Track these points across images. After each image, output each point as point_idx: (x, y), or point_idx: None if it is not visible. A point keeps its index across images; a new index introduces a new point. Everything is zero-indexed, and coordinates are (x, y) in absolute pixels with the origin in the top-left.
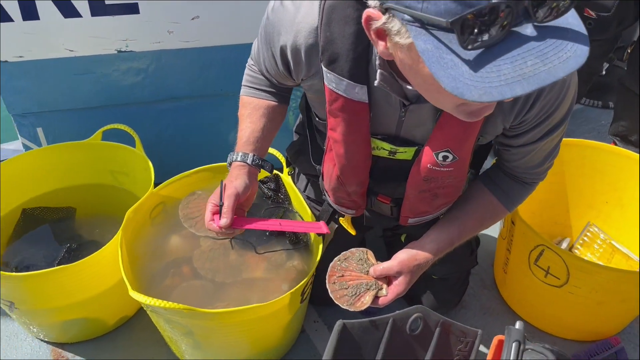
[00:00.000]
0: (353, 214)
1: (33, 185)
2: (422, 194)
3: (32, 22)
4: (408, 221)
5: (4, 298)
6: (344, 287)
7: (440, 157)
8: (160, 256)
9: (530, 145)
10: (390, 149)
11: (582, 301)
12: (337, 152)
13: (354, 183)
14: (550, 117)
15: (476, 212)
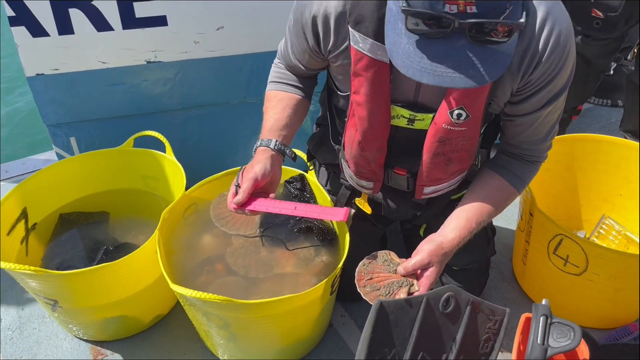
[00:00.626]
0: (370, 190)
1: (69, 192)
2: (437, 157)
3: (67, 36)
4: (423, 191)
5: (47, 297)
6: (376, 288)
7: (454, 116)
8: (194, 254)
9: (534, 113)
10: (409, 116)
11: (601, 288)
12: (360, 115)
13: (373, 148)
14: (552, 82)
15: (489, 195)
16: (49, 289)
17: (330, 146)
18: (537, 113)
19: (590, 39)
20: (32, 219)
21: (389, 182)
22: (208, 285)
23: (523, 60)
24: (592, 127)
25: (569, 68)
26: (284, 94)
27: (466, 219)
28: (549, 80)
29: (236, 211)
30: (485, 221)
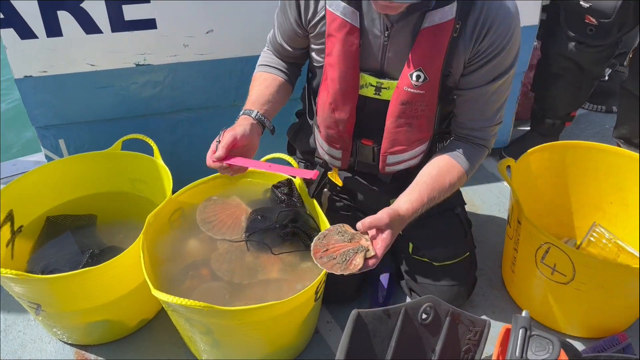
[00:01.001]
0: (339, 162)
1: (56, 194)
2: (399, 121)
3: (55, 38)
4: (387, 161)
5: (31, 300)
6: (332, 257)
7: (414, 78)
8: (179, 259)
9: (482, 87)
10: (376, 84)
11: (588, 298)
12: (331, 77)
13: (343, 110)
14: (499, 55)
15: (439, 174)
16: (32, 293)
17: (308, 132)
18: (485, 88)
19: (583, 45)
20: (19, 221)
21: (357, 155)
22: (192, 291)
23: (474, 29)
24: (585, 133)
25: (514, 48)
26: (269, 75)
27: (418, 193)
28: (497, 53)
29: (214, 167)
30: (436, 198)
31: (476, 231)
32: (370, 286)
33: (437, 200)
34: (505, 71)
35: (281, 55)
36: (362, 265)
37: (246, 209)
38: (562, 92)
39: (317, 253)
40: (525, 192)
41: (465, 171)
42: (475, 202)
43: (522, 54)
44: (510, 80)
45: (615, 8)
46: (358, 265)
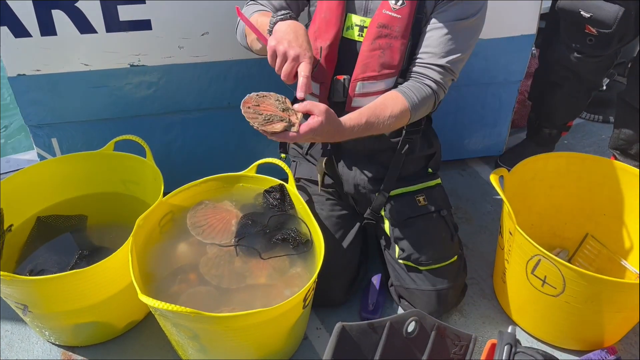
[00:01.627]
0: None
1: (47, 194)
2: (374, 44)
3: (49, 37)
4: (356, 89)
5: (17, 301)
6: (259, 113)
7: (393, 1)
8: (168, 263)
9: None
10: (360, 23)
11: (578, 311)
12: (319, 9)
13: (324, 38)
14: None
15: (381, 102)
16: (19, 294)
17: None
18: (446, 24)
19: (583, 55)
20: (9, 220)
21: (333, 94)
22: (180, 295)
23: None
24: (582, 143)
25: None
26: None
27: (359, 113)
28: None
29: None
30: (375, 124)
31: (468, 239)
32: (360, 292)
33: (377, 128)
34: (469, 15)
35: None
36: (280, 134)
37: (237, 214)
38: (559, 102)
39: (248, 103)
40: (519, 202)
41: (409, 107)
42: (468, 210)
43: (519, 62)
44: (472, 32)
45: (616, 19)
46: (276, 129)
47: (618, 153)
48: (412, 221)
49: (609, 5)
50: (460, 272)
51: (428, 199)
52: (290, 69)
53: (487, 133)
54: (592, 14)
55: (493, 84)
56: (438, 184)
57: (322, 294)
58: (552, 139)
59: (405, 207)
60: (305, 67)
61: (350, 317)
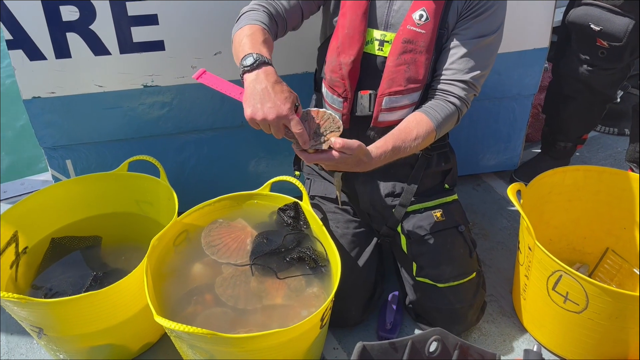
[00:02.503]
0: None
1: (62, 215)
2: (399, 59)
3: (64, 60)
4: (382, 104)
5: (32, 324)
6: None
7: (417, 16)
8: (183, 283)
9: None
10: (380, 37)
11: (602, 327)
12: (342, 24)
13: (347, 53)
14: (486, 12)
15: (406, 125)
16: (34, 316)
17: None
18: (467, 41)
19: (596, 68)
20: (23, 242)
21: (357, 109)
22: (195, 317)
23: None
24: (597, 156)
25: (500, 13)
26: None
27: (384, 140)
28: (484, 10)
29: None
30: (402, 148)
31: (486, 255)
32: (377, 311)
33: (404, 152)
34: (489, 33)
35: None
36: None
37: (252, 232)
38: (573, 115)
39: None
40: (536, 217)
41: (434, 127)
42: (485, 226)
43: (532, 76)
44: (492, 49)
45: (626, 32)
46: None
47: (635, 165)
48: (430, 237)
49: (619, 19)
50: (479, 289)
51: (445, 215)
52: (277, 130)
53: (502, 147)
54: (602, 27)
55: (506, 98)
56: (455, 199)
57: (338, 314)
58: (567, 152)
59: (422, 223)
60: (294, 125)
61: (367, 337)
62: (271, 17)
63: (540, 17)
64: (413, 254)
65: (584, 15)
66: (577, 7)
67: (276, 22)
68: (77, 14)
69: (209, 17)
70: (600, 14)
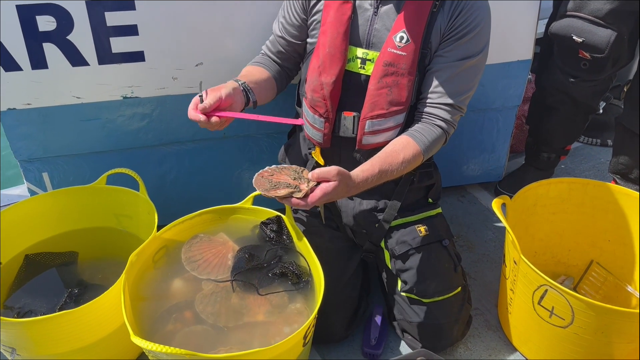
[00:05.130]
0: (321, 133)
1: (37, 230)
2: (381, 82)
3: (40, 70)
4: (365, 127)
5: (5, 344)
6: (268, 181)
7: (398, 39)
8: (162, 300)
9: (449, 64)
10: (362, 55)
11: (588, 342)
12: (322, 42)
13: (329, 73)
14: (470, 34)
15: (393, 149)
16: (6, 336)
17: (298, 147)
18: (453, 64)
19: (578, 79)
20: None
21: (339, 130)
22: (175, 335)
23: (451, 6)
24: (581, 167)
25: (484, 33)
26: (258, 67)
27: (371, 164)
28: (468, 31)
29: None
30: (388, 171)
31: (471, 268)
32: (362, 326)
33: (390, 175)
34: (473, 54)
35: (277, 52)
36: (284, 198)
37: (233, 247)
38: (556, 126)
39: (263, 174)
40: (521, 230)
41: (421, 151)
42: (470, 238)
43: (516, 87)
44: (477, 69)
45: (608, 43)
46: (279, 194)
47: (619, 177)
48: (414, 252)
49: (601, 30)
50: (465, 303)
51: (429, 229)
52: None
53: (486, 159)
54: (585, 38)
55: (490, 110)
56: (439, 213)
57: (322, 330)
58: (551, 163)
59: (406, 237)
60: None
61: (351, 353)
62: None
63: (523, 29)
64: (397, 269)
65: (566, 27)
66: (560, 19)
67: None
68: (54, 24)
69: (191, 28)
70: (583, 26)
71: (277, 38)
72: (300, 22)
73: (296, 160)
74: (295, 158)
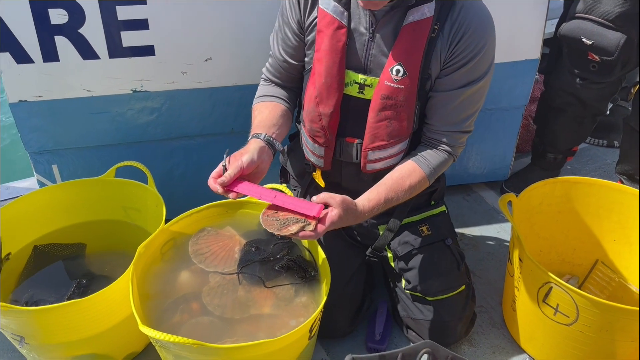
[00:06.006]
0: (322, 160)
1: (46, 222)
2: (380, 115)
3: (52, 63)
4: (368, 157)
5: (14, 332)
6: (276, 219)
7: (394, 72)
8: (170, 292)
9: (453, 91)
10: (360, 81)
11: (592, 340)
12: (318, 72)
13: (327, 104)
14: (473, 60)
15: (399, 175)
16: (15, 324)
17: (300, 152)
18: (457, 91)
19: (587, 81)
20: (6, 249)
21: (341, 154)
22: (181, 326)
23: (451, 31)
24: (587, 167)
25: (488, 56)
26: (269, 103)
27: (377, 192)
28: (471, 57)
29: (216, 191)
30: (394, 198)
31: (476, 266)
32: (366, 322)
33: (396, 201)
34: (478, 79)
35: (281, 76)
36: (296, 234)
37: (240, 240)
38: (563, 127)
39: (267, 212)
40: (526, 228)
41: (427, 176)
42: (475, 236)
43: (523, 87)
44: (482, 91)
45: (617, 46)
46: (291, 231)
47: (625, 178)
48: (416, 252)
49: (611, 33)
50: (469, 301)
51: (432, 228)
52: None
53: (492, 158)
54: (594, 41)
55: (497, 109)
56: (442, 211)
57: (326, 325)
58: (557, 163)
59: (408, 238)
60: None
61: (356, 348)
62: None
63: (531, 29)
64: (400, 268)
65: (576, 29)
66: (569, 21)
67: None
68: (66, 17)
69: (200, 23)
70: (592, 28)
71: (279, 62)
72: (299, 42)
73: (297, 166)
74: (297, 164)
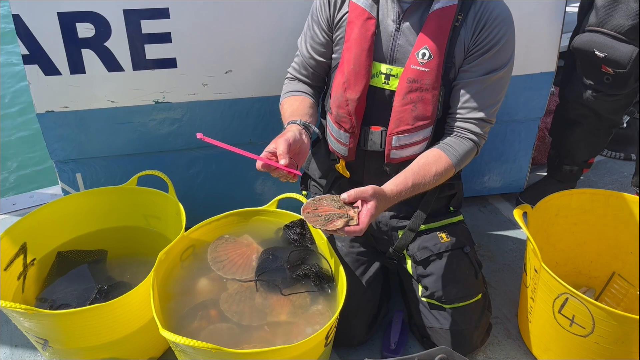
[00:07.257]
0: (347, 148)
1: (69, 229)
2: (405, 98)
3: (78, 75)
4: (392, 143)
5: (38, 336)
6: (318, 215)
7: (420, 55)
8: (189, 298)
9: (477, 78)
10: (386, 71)
11: (608, 352)
12: (347, 59)
13: (354, 90)
14: (494, 47)
15: (425, 162)
16: (39, 328)
17: (321, 156)
18: (480, 78)
19: (601, 94)
20: (31, 254)
21: (366, 143)
22: (200, 332)
23: (474, 20)
24: (603, 180)
25: (509, 46)
26: (298, 97)
27: (404, 177)
28: (493, 44)
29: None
30: (421, 184)
31: (492, 277)
32: (382, 331)
33: (423, 188)
34: (500, 67)
35: (307, 74)
36: (342, 229)
37: (257, 248)
38: (579, 139)
39: (307, 209)
40: (542, 240)
41: (453, 164)
42: (491, 248)
43: (539, 99)
44: (504, 81)
45: (630, 59)
46: (337, 226)
47: None
48: (435, 258)
49: (623, 46)
50: (485, 311)
51: (451, 236)
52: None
53: (508, 170)
54: (607, 54)
55: (513, 121)
56: (460, 220)
57: (342, 333)
58: (573, 176)
59: (427, 244)
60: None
61: (371, 356)
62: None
63: (546, 41)
64: (418, 274)
65: (588, 42)
66: (582, 34)
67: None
68: (93, 31)
69: (221, 37)
70: (605, 41)
71: (306, 60)
72: (327, 39)
73: (321, 166)
74: (321, 165)
